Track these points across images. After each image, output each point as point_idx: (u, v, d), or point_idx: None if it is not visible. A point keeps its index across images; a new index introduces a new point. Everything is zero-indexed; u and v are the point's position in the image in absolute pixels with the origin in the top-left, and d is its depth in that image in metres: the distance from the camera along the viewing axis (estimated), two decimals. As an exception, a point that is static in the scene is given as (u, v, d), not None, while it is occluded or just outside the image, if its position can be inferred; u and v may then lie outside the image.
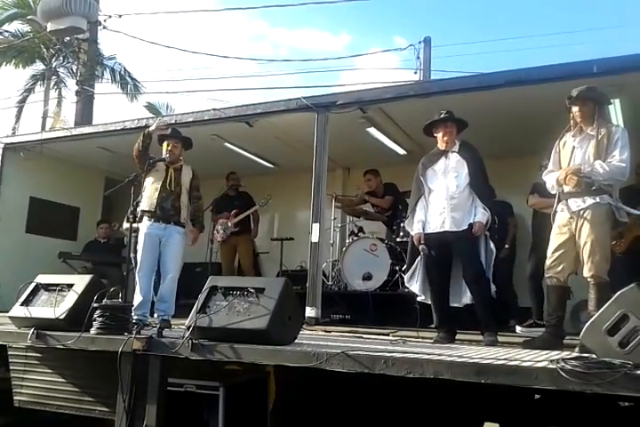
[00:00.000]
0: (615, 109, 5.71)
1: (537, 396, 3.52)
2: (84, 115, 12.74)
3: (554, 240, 4.11)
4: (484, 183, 4.64)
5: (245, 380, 4.06)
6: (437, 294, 4.55)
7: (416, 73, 12.94)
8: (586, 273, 3.90)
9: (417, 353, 3.26)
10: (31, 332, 4.24)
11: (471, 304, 4.48)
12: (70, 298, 4.40)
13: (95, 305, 4.16)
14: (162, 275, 5.12)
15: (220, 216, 7.71)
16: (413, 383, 3.10)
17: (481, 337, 4.41)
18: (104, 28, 13.09)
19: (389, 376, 3.08)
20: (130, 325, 4.25)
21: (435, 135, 4.72)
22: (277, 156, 8.09)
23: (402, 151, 7.51)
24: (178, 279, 5.26)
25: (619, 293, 2.91)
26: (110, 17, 12.91)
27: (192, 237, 5.36)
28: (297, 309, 4.02)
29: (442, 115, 4.65)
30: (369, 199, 7.26)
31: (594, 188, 3.95)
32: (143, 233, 5.06)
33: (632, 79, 4.92)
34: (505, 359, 3.04)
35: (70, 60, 16.37)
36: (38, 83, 18.04)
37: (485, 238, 4.49)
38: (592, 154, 3.98)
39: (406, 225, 4.85)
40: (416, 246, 4.59)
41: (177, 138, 5.35)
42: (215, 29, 46.50)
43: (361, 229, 7.29)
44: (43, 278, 4.70)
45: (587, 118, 4.06)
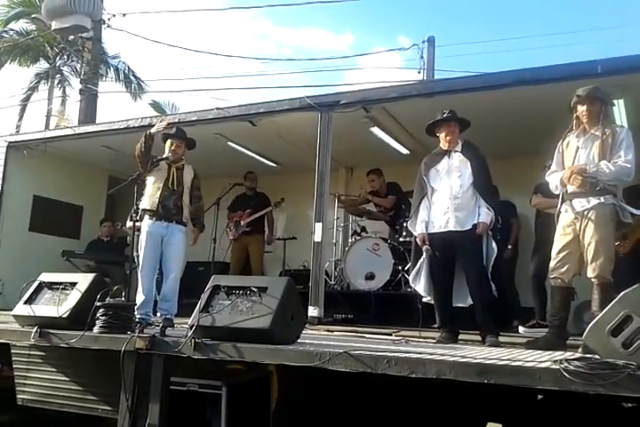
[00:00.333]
0: (619, 110, 5.69)
1: (540, 396, 3.52)
2: (88, 113, 12.77)
3: (558, 241, 4.10)
4: (488, 183, 4.63)
5: (248, 379, 4.05)
6: (440, 294, 4.54)
7: (419, 73, 12.92)
8: (590, 274, 3.89)
9: (419, 353, 3.26)
10: (34, 330, 4.25)
11: (476, 304, 4.48)
12: (73, 297, 4.41)
13: (98, 304, 4.17)
14: (164, 274, 5.13)
15: (235, 215, 7.77)
16: (416, 383, 3.10)
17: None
18: (108, 27, 13.13)
19: (392, 376, 3.08)
20: (133, 324, 4.26)
21: (437, 135, 4.71)
22: (280, 155, 8.09)
23: (405, 151, 7.50)
24: (181, 278, 5.27)
25: (622, 293, 2.90)
26: (114, 16, 12.95)
27: (193, 237, 5.37)
28: (299, 308, 4.02)
29: (444, 114, 4.65)
30: (372, 199, 7.26)
31: (598, 188, 3.94)
32: (145, 232, 5.06)
33: (636, 79, 4.90)
34: (508, 360, 3.04)
35: (74, 59, 16.40)
36: (42, 81, 18.08)
37: (487, 238, 4.49)
38: (597, 154, 3.97)
39: (409, 225, 4.84)
40: (420, 246, 4.59)
41: (181, 138, 5.35)
42: (219, 28, 46.57)
43: (364, 228, 7.29)
44: (46, 277, 4.70)
45: (592, 118, 4.04)
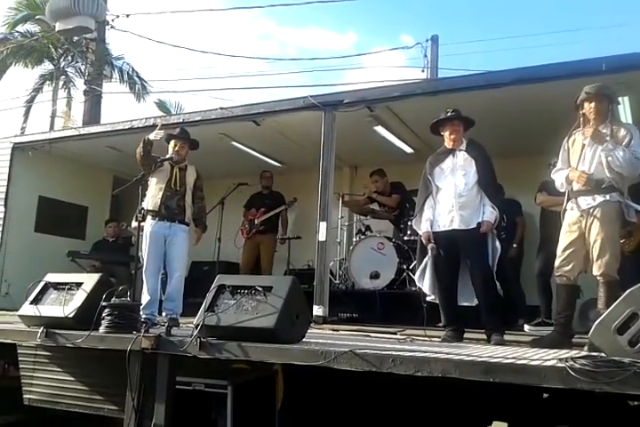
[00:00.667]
0: (624, 107, 5.67)
1: (545, 395, 3.51)
2: (92, 114, 12.79)
3: (563, 239, 4.09)
4: (492, 181, 4.63)
5: (253, 378, 4.06)
6: (445, 293, 4.54)
7: (423, 71, 12.91)
8: (595, 271, 3.88)
9: (425, 352, 3.25)
10: (40, 330, 4.26)
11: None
12: (79, 297, 4.41)
13: (104, 304, 4.17)
14: (168, 274, 5.14)
15: (249, 213, 7.84)
16: (421, 382, 3.10)
17: (490, 336, 4.39)
18: (112, 28, 13.14)
19: (397, 375, 3.08)
20: (138, 323, 4.26)
21: (442, 134, 4.71)
22: (284, 154, 8.09)
23: (409, 150, 7.49)
24: (186, 278, 5.28)
25: (628, 291, 2.90)
26: (118, 17, 12.95)
27: (195, 237, 5.37)
28: (304, 307, 4.02)
29: (448, 113, 4.65)
30: (376, 198, 7.26)
31: (604, 186, 3.92)
32: (148, 232, 5.08)
33: (640, 77, 4.89)
34: (513, 358, 3.04)
35: (78, 60, 16.44)
36: (47, 82, 18.12)
37: (492, 236, 4.48)
38: (603, 154, 3.94)
39: (414, 224, 4.84)
40: (425, 245, 4.59)
41: (184, 138, 5.36)
42: (222, 29, 46.58)
43: (368, 227, 7.29)
44: (52, 277, 4.71)
45: (600, 116, 4.02)
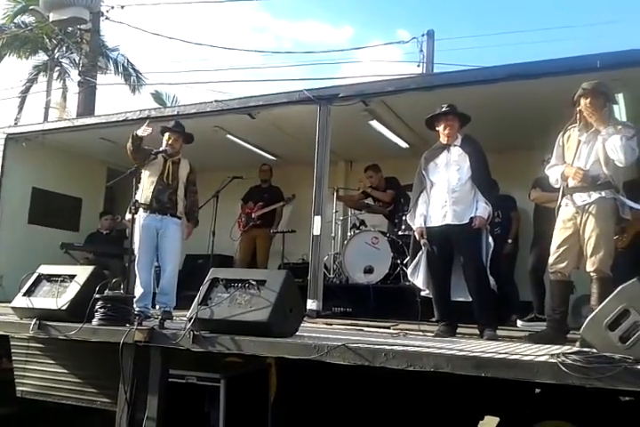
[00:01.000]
0: (618, 104, 5.68)
1: (537, 390, 3.53)
2: (86, 105, 12.75)
3: (558, 235, 4.09)
4: (486, 177, 4.63)
5: (246, 372, 4.07)
6: (439, 288, 4.55)
7: (419, 66, 12.91)
8: (589, 268, 3.89)
9: (417, 346, 3.27)
10: (33, 322, 4.25)
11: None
12: (72, 289, 4.41)
13: (97, 296, 4.17)
14: (162, 267, 5.13)
15: (247, 206, 7.84)
16: (414, 376, 3.11)
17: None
18: (106, 19, 13.09)
19: (390, 369, 3.09)
20: (132, 316, 4.26)
21: (437, 129, 4.71)
22: (279, 148, 8.08)
23: (404, 145, 7.49)
24: (179, 271, 5.27)
25: (620, 287, 2.91)
26: (113, 8, 12.91)
27: (186, 231, 5.36)
28: (298, 301, 4.03)
29: (443, 108, 4.64)
30: (371, 193, 7.26)
31: (599, 182, 3.93)
32: (140, 225, 5.06)
33: (635, 74, 4.89)
34: (506, 353, 3.05)
35: (73, 51, 16.35)
36: (41, 73, 18.03)
37: (485, 232, 4.49)
38: (600, 149, 3.95)
39: (408, 219, 4.84)
40: (418, 240, 4.60)
41: (178, 132, 5.33)
42: (218, 21, 46.35)
43: (363, 222, 7.29)
44: (45, 269, 4.70)
45: (595, 112, 4.00)
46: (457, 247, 4.49)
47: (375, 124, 6.80)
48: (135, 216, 5.03)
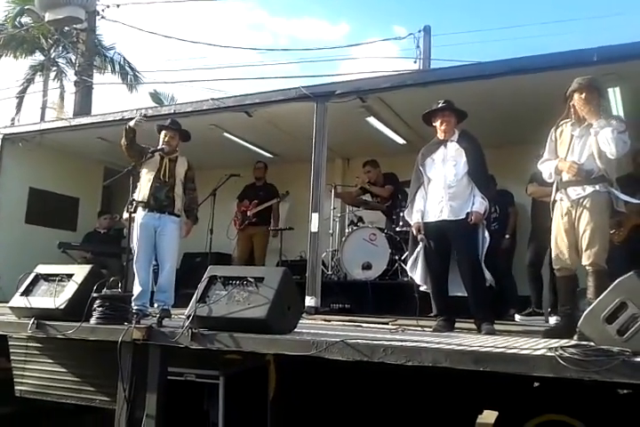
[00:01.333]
0: (615, 98, 5.69)
1: (536, 384, 3.53)
2: (83, 105, 12.73)
3: (556, 231, 4.08)
4: (483, 172, 4.63)
5: (245, 369, 4.06)
6: (436, 283, 4.55)
7: (416, 62, 12.89)
8: (585, 261, 3.89)
9: (416, 341, 3.27)
10: (31, 322, 4.25)
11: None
12: (70, 288, 4.40)
13: (95, 295, 4.16)
14: (160, 265, 5.13)
15: (242, 204, 7.81)
16: (413, 372, 3.11)
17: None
18: (102, 18, 13.06)
19: (389, 365, 3.09)
20: (130, 314, 4.25)
21: (434, 124, 4.71)
22: (276, 146, 8.07)
23: (401, 141, 7.48)
24: (178, 269, 5.26)
25: (617, 281, 2.91)
26: (108, 6, 12.89)
27: (185, 229, 5.35)
28: (296, 298, 4.02)
29: (440, 104, 4.64)
30: (369, 188, 7.25)
31: (593, 176, 3.94)
32: (138, 224, 5.07)
33: (632, 67, 4.89)
34: (504, 347, 3.06)
35: (69, 51, 16.32)
36: (38, 73, 18.00)
37: (482, 227, 4.48)
38: (594, 144, 3.95)
39: (406, 215, 4.84)
40: (416, 236, 4.59)
41: (175, 129, 5.33)
42: (214, 19, 46.30)
43: (360, 218, 7.30)
44: (42, 269, 4.69)
45: (589, 107, 4.01)
46: (453, 243, 4.48)
47: (372, 120, 6.79)
48: (134, 215, 5.03)
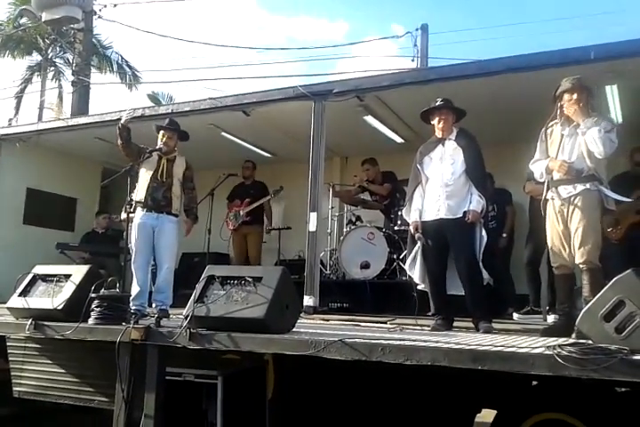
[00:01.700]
0: (612, 95, 5.69)
1: (534, 382, 3.53)
2: (81, 105, 12.70)
3: (551, 230, 4.10)
4: (481, 171, 4.62)
5: (244, 369, 4.06)
6: (434, 282, 4.54)
7: (413, 61, 12.89)
8: (578, 259, 3.89)
9: (414, 340, 3.27)
10: (29, 323, 4.24)
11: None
12: (68, 288, 4.39)
13: (93, 295, 4.16)
14: (158, 265, 5.12)
15: (234, 204, 7.74)
16: (411, 371, 3.11)
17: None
18: (99, 18, 13.04)
19: (387, 364, 3.09)
20: (128, 315, 4.25)
21: (432, 122, 4.70)
22: (274, 145, 8.06)
23: (399, 140, 7.48)
24: (176, 269, 5.25)
25: (615, 279, 2.91)
26: (105, 6, 12.86)
27: (186, 228, 5.34)
28: (295, 297, 4.02)
29: (437, 102, 4.64)
30: (368, 186, 7.23)
31: (584, 175, 3.96)
32: (136, 223, 5.06)
33: (629, 65, 4.89)
34: (502, 346, 3.05)
35: (66, 51, 16.31)
36: (35, 74, 17.98)
37: (479, 225, 4.48)
38: (582, 143, 3.96)
39: (404, 213, 4.84)
40: (413, 234, 4.59)
41: (172, 129, 5.32)
42: (213, 18, 46.24)
43: (359, 217, 7.29)
44: (40, 269, 4.68)
45: (581, 107, 4.04)
46: (450, 241, 4.48)
47: (370, 119, 6.79)
48: (132, 215, 5.02)
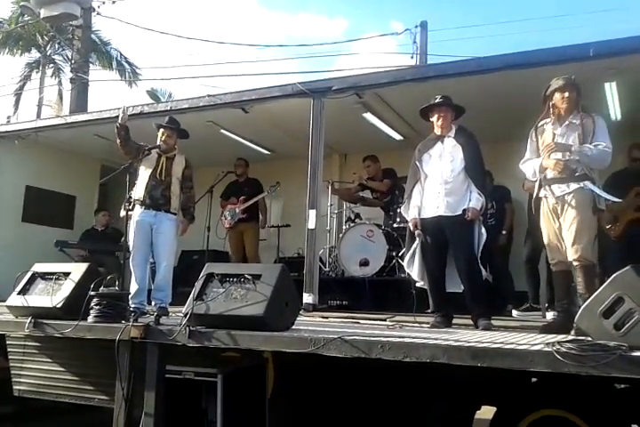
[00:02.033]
0: (611, 92, 5.69)
1: (534, 379, 3.54)
2: (79, 102, 12.68)
3: (546, 228, 4.12)
4: (480, 168, 4.62)
5: (244, 366, 4.06)
6: (433, 279, 4.54)
7: (412, 58, 12.88)
8: (572, 256, 3.90)
9: (413, 337, 3.27)
10: (29, 321, 4.24)
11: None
12: (67, 286, 4.39)
13: (92, 293, 4.16)
14: (156, 263, 5.11)
15: (229, 202, 7.71)
16: (411, 368, 3.11)
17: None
18: (98, 15, 13.02)
19: (386, 361, 3.09)
20: (127, 313, 4.25)
21: (431, 120, 4.69)
22: (273, 142, 8.06)
23: (398, 137, 7.48)
24: (175, 267, 5.24)
25: (614, 275, 2.92)
26: (104, 3, 12.84)
27: (182, 227, 5.32)
28: (294, 295, 4.02)
29: (437, 99, 4.63)
30: (368, 183, 7.22)
31: (577, 173, 3.97)
32: (135, 221, 5.05)
33: (628, 62, 4.89)
34: (501, 343, 3.06)
35: (65, 48, 16.29)
36: (34, 71, 17.96)
37: (478, 223, 4.48)
38: (577, 142, 3.98)
39: (403, 210, 4.84)
40: (412, 231, 4.59)
41: (172, 128, 5.31)
42: (213, 15, 46.15)
43: (358, 215, 7.29)
44: (39, 267, 4.68)
45: (571, 106, 4.06)
46: (449, 238, 4.47)
47: (369, 116, 6.79)
48: (131, 213, 5.01)
